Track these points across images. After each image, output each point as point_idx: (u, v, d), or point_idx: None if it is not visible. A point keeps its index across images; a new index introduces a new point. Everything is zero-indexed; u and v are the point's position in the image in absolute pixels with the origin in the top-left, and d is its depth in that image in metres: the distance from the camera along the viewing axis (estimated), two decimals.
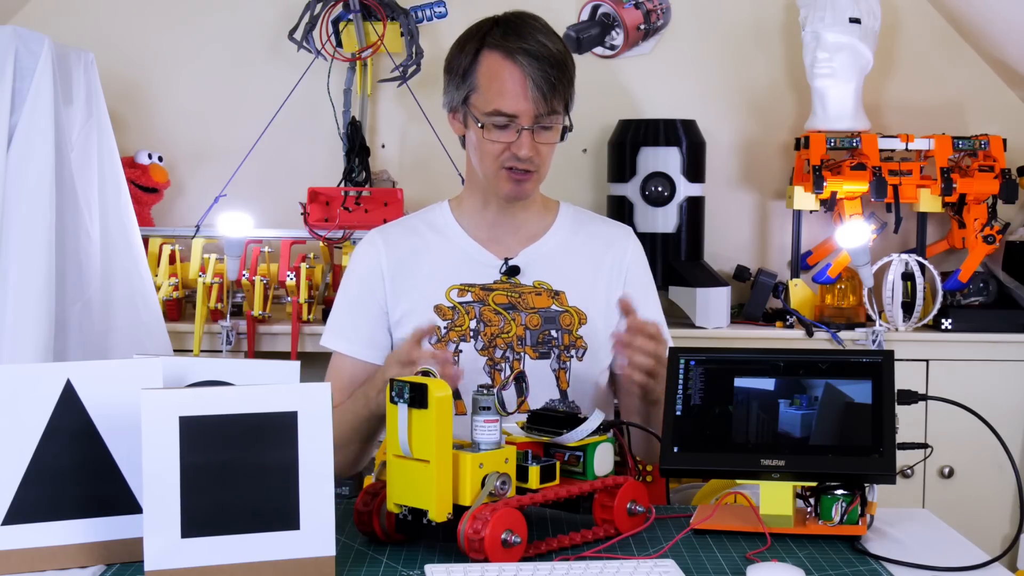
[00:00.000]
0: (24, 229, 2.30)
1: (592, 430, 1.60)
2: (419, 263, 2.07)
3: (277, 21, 3.22)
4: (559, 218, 2.14)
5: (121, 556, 1.49)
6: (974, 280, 3.04)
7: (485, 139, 1.97)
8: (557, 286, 2.06)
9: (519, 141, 1.95)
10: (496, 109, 1.95)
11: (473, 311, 2.02)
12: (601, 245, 2.12)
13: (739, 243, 3.30)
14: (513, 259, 2.06)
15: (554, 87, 1.95)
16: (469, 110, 1.99)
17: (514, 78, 1.95)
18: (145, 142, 3.16)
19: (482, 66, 1.97)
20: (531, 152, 1.96)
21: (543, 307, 2.03)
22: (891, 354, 1.67)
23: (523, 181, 1.99)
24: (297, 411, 1.42)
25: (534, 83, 1.94)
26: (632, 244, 2.15)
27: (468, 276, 2.04)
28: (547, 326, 2.03)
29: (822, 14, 3.03)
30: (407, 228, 2.13)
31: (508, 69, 1.95)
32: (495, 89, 1.95)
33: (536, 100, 1.94)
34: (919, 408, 1.90)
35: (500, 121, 1.95)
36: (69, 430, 1.48)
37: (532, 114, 1.95)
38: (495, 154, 1.98)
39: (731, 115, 3.29)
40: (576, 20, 3.26)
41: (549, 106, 1.95)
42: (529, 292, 2.04)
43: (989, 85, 3.28)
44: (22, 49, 2.32)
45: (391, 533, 1.57)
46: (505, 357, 2.01)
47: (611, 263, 2.11)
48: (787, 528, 1.61)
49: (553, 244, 2.10)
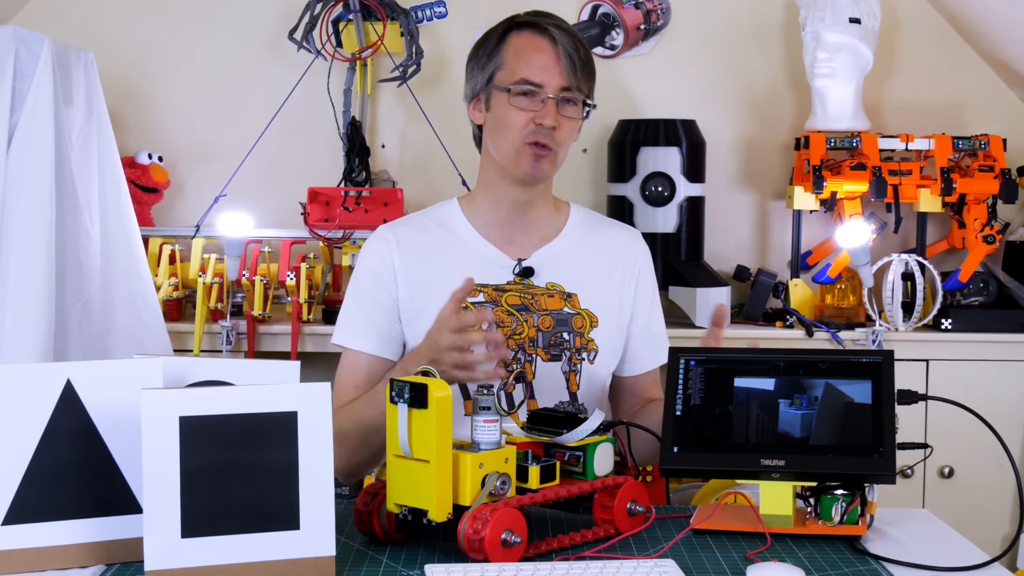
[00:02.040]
0: (24, 229, 2.30)
1: (592, 430, 1.60)
2: (431, 260, 2.05)
3: (277, 21, 3.22)
4: (571, 219, 2.13)
5: (121, 556, 1.50)
6: (974, 280, 3.04)
7: (510, 106, 1.97)
8: (570, 288, 2.05)
9: (544, 110, 1.95)
10: (523, 78, 1.96)
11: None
12: (613, 249, 2.12)
13: (739, 243, 3.30)
14: (527, 260, 2.05)
15: (584, 63, 1.98)
16: (494, 87, 1.99)
17: (543, 48, 1.97)
18: (145, 142, 3.16)
19: (510, 43, 2.00)
20: (554, 122, 1.96)
21: (555, 309, 2.03)
22: (891, 354, 1.67)
23: (542, 158, 1.98)
24: (297, 411, 1.42)
25: (565, 52, 1.96)
26: (642, 250, 2.16)
27: (481, 276, 2.01)
28: (559, 328, 2.02)
29: (822, 14, 3.03)
30: (417, 225, 2.10)
31: (537, 41, 1.98)
32: (524, 60, 1.97)
33: (566, 70, 1.96)
34: (919, 408, 1.90)
35: (526, 89, 1.96)
36: (69, 430, 1.48)
37: (559, 85, 1.96)
38: (519, 125, 1.96)
39: (731, 115, 3.29)
40: (576, 20, 3.26)
41: (576, 80, 1.97)
42: (542, 294, 2.03)
43: (989, 85, 3.28)
44: (22, 49, 2.32)
45: (391, 533, 1.57)
46: (517, 359, 2.00)
47: (623, 268, 2.11)
48: (787, 528, 1.61)
49: (566, 245, 2.09)
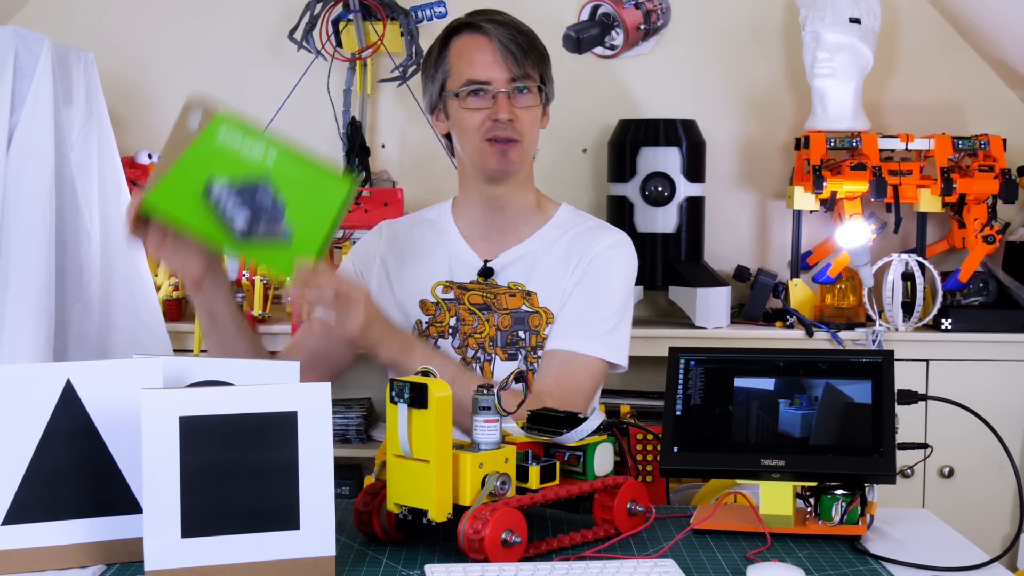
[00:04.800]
0: (24, 229, 2.30)
1: (592, 430, 1.60)
2: (413, 257, 2.09)
3: (277, 21, 3.22)
4: (553, 220, 2.09)
5: (121, 556, 1.49)
6: (974, 280, 3.04)
7: (462, 109, 1.97)
8: (530, 287, 2.04)
9: (496, 105, 1.96)
10: (469, 79, 1.97)
11: (454, 308, 2.03)
12: (578, 245, 2.05)
13: (739, 243, 3.30)
14: (493, 260, 2.06)
15: (524, 52, 1.97)
16: (447, 95, 2.01)
17: (481, 46, 1.97)
18: (145, 142, 3.15)
19: (452, 48, 2.01)
20: (510, 115, 1.96)
21: (515, 308, 2.03)
22: (891, 354, 1.67)
23: (508, 151, 1.97)
24: (297, 411, 1.42)
25: (502, 45, 1.96)
26: (604, 244, 2.04)
27: (453, 274, 2.05)
28: (516, 327, 2.02)
29: (822, 14, 3.03)
30: (412, 222, 2.16)
31: (475, 40, 1.98)
32: (466, 61, 1.98)
33: (507, 62, 1.96)
34: (919, 408, 1.90)
35: (474, 88, 1.96)
36: (69, 430, 1.48)
37: (504, 78, 1.96)
38: (476, 126, 1.97)
39: (731, 115, 3.29)
40: (576, 20, 3.26)
41: (522, 69, 1.97)
42: (503, 293, 2.04)
43: (989, 85, 3.28)
44: (22, 49, 2.32)
45: (391, 533, 1.57)
46: (476, 357, 2.02)
47: (579, 257, 2.04)
48: (787, 528, 1.61)
49: (536, 245, 2.07)
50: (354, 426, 3.06)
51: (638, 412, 2.84)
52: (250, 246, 1.73)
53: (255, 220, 1.72)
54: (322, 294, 1.74)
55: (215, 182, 1.71)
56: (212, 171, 1.71)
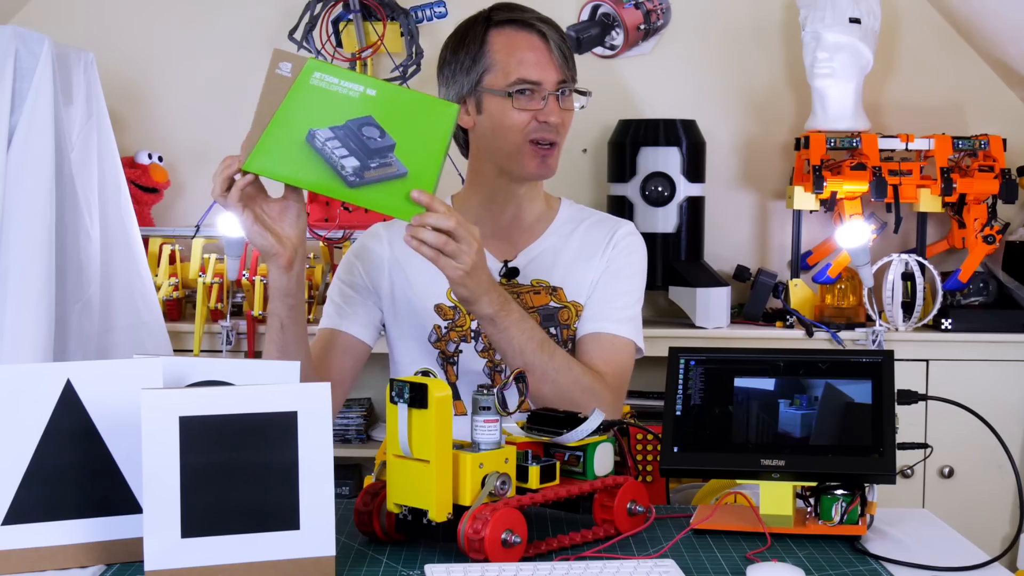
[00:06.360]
0: (24, 229, 2.30)
1: (592, 430, 1.60)
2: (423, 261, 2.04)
3: (277, 21, 3.22)
4: (560, 215, 2.10)
5: (121, 556, 1.49)
6: (974, 280, 3.04)
7: (513, 109, 1.94)
8: (555, 282, 2.03)
9: (547, 107, 1.93)
10: (520, 78, 1.93)
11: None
12: (596, 235, 2.07)
13: (739, 243, 3.30)
14: (512, 260, 2.04)
15: (570, 53, 1.98)
16: (484, 91, 1.96)
17: (534, 45, 1.95)
18: (145, 142, 3.16)
19: (495, 44, 1.96)
20: (559, 118, 1.95)
21: (542, 305, 2.02)
22: (891, 354, 1.67)
23: (548, 156, 1.97)
24: (297, 411, 1.42)
25: (556, 46, 1.95)
26: (623, 231, 2.07)
27: None
28: (546, 324, 2.00)
29: (822, 14, 3.03)
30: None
31: (526, 38, 1.95)
32: (515, 59, 1.94)
33: (560, 64, 1.95)
34: (919, 408, 1.90)
35: (524, 88, 1.93)
36: (69, 430, 1.48)
37: (555, 80, 1.94)
38: (521, 126, 1.94)
39: (731, 115, 3.29)
40: (576, 20, 3.26)
41: (569, 71, 1.97)
42: (528, 291, 2.02)
43: (989, 85, 3.29)
44: (22, 49, 2.32)
45: (391, 533, 1.57)
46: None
47: (603, 250, 2.05)
48: (787, 528, 1.61)
49: (552, 241, 2.06)
50: (354, 426, 3.07)
51: (638, 412, 2.84)
52: (365, 189, 1.67)
53: (366, 161, 1.66)
54: (446, 222, 1.70)
55: (317, 129, 1.66)
56: (313, 117, 1.66)
